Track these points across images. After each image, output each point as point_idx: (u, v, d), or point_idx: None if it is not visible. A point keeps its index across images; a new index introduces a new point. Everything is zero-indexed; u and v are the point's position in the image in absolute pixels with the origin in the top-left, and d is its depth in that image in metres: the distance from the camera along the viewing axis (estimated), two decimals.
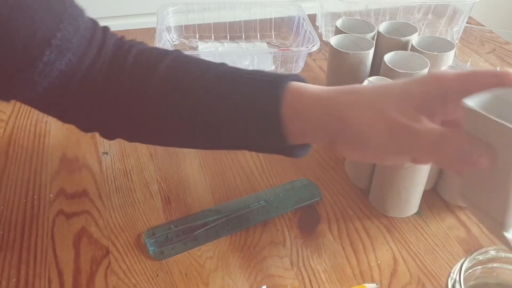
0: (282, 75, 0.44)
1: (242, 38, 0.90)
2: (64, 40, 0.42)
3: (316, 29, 0.95)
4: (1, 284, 0.47)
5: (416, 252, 0.51)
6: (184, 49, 0.87)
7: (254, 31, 0.91)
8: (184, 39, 0.89)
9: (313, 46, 0.77)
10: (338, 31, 0.69)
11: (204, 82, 0.45)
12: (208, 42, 0.89)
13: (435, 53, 0.61)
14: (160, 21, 0.82)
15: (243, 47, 0.88)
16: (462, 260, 0.38)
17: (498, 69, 0.83)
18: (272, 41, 0.91)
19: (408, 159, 0.40)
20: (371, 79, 0.57)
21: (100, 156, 0.62)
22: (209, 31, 0.90)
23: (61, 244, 0.51)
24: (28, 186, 0.58)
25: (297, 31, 0.88)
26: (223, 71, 0.46)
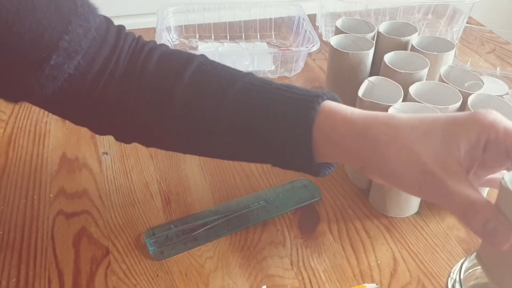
0: (314, 92, 0.42)
1: (242, 38, 0.90)
2: (73, 43, 0.41)
3: (316, 29, 0.95)
4: (1, 284, 0.47)
5: (416, 252, 0.51)
6: (184, 49, 0.87)
7: (254, 31, 0.91)
8: (184, 39, 0.89)
9: (313, 46, 0.77)
10: (338, 31, 0.69)
11: (232, 94, 0.43)
12: (208, 42, 0.89)
13: (435, 53, 0.61)
14: (160, 21, 0.82)
15: (243, 47, 0.88)
16: (462, 260, 0.38)
17: (498, 69, 0.83)
18: (272, 41, 0.91)
19: None
20: (371, 79, 0.57)
21: (100, 156, 0.63)
22: (209, 31, 0.90)
23: (61, 244, 0.51)
24: (28, 186, 0.58)
25: (297, 31, 0.88)
26: (252, 83, 0.44)
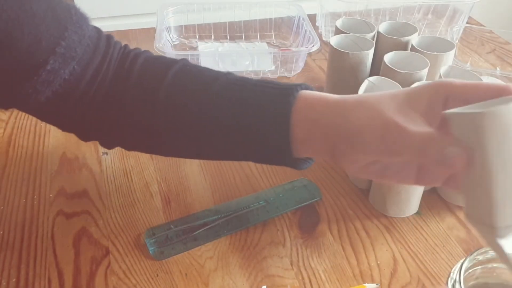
0: (293, 83, 0.44)
1: (242, 38, 0.90)
2: (69, 49, 0.42)
3: (316, 29, 0.95)
4: (1, 284, 0.47)
5: (416, 252, 0.51)
6: (184, 49, 0.87)
7: (254, 31, 0.91)
8: (184, 39, 0.89)
9: (313, 46, 0.77)
10: (338, 31, 0.69)
11: (213, 90, 0.45)
12: (208, 42, 0.89)
13: (435, 53, 0.62)
14: (160, 21, 0.82)
15: (243, 47, 0.88)
16: (462, 260, 0.38)
17: (498, 69, 0.83)
18: (272, 41, 0.91)
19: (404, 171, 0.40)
20: (371, 79, 0.57)
21: (100, 156, 0.63)
22: (209, 31, 0.90)
23: (61, 244, 0.51)
24: (28, 186, 0.58)
25: (297, 31, 0.88)
26: (232, 79, 0.46)
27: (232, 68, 0.80)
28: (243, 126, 0.44)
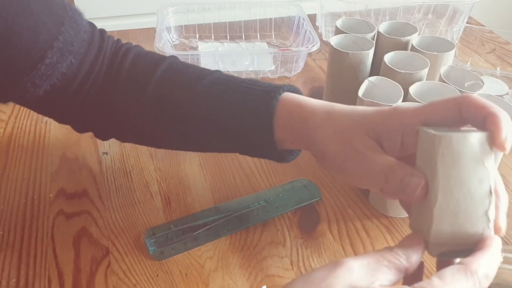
0: (276, 85, 0.45)
1: (242, 38, 0.90)
2: (66, 43, 0.43)
3: (316, 29, 0.95)
4: (1, 284, 0.47)
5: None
6: (184, 49, 0.87)
7: (254, 31, 0.91)
8: (184, 39, 0.89)
9: (313, 46, 0.77)
10: (338, 31, 0.69)
11: (200, 87, 0.46)
12: (208, 42, 0.89)
13: (435, 53, 0.61)
14: (160, 21, 0.82)
15: (243, 47, 0.88)
16: None
17: (498, 69, 0.83)
18: (272, 41, 0.91)
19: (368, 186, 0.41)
20: (371, 79, 0.57)
21: (100, 156, 0.63)
22: (209, 31, 0.90)
23: (61, 244, 0.51)
24: (28, 186, 0.58)
25: (297, 31, 0.88)
26: (219, 78, 0.47)
27: (232, 68, 0.80)
28: (228, 124, 0.45)
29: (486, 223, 0.32)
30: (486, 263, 0.30)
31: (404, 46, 0.65)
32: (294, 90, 0.46)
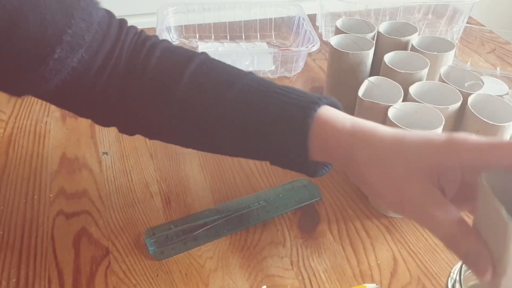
0: (311, 98, 0.43)
1: (242, 38, 0.90)
2: (76, 37, 0.41)
3: (316, 29, 0.95)
4: (1, 284, 0.47)
5: (416, 252, 0.51)
6: None
7: (254, 31, 0.91)
8: (184, 39, 0.89)
9: (313, 46, 0.77)
10: (338, 31, 0.69)
11: (230, 94, 0.44)
12: (208, 42, 0.89)
13: (435, 53, 0.61)
14: (160, 21, 0.82)
15: (243, 47, 0.88)
16: None
17: (498, 69, 0.83)
18: (272, 41, 0.91)
19: None
20: (371, 79, 0.57)
21: (100, 156, 0.62)
22: (209, 31, 0.90)
23: (61, 244, 0.51)
24: (28, 186, 0.58)
25: (297, 31, 0.88)
26: (250, 85, 0.45)
27: None
28: (261, 133, 0.44)
29: None
30: None
31: (404, 46, 0.65)
32: (330, 103, 0.44)
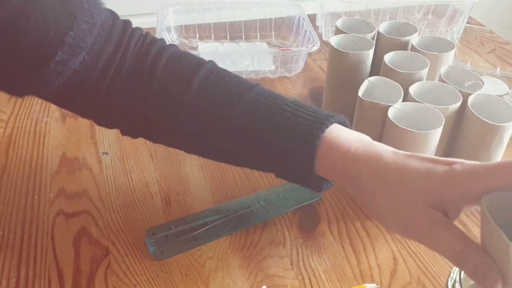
0: (319, 116, 0.43)
1: (242, 38, 0.90)
2: (78, 39, 0.41)
3: (316, 29, 0.95)
4: (1, 284, 0.47)
5: (416, 252, 0.51)
6: (184, 49, 0.87)
7: (254, 31, 0.91)
8: (184, 39, 0.89)
9: (313, 46, 0.77)
10: (338, 31, 0.69)
11: (240, 105, 0.44)
12: (208, 42, 0.89)
13: (435, 53, 0.61)
14: (160, 21, 0.82)
15: (243, 47, 0.88)
16: None
17: (498, 69, 0.83)
18: (272, 41, 0.91)
19: None
20: (371, 79, 0.57)
21: (100, 156, 0.62)
22: (209, 31, 0.90)
23: (61, 244, 0.51)
24: (28, 186, 0.58)
25: (297, 31, 0.88)
26: (258, 100, 0.44)
27: (232, 68, 0.80)
28: (268, 150, 0.44)
29: None
30: None
31: (404, 46, 0.65)
32: (339, 121, 0.44)
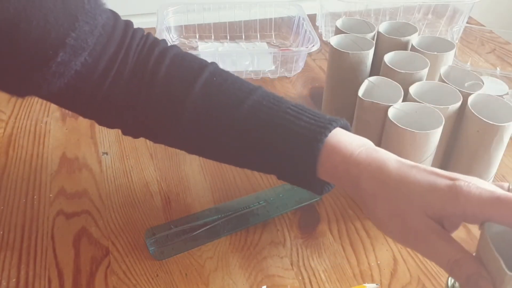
0: (322, 120, 0.43)
1: (242, 38, 0.90)
2: (79, 40, 0.41)
3: (316, 29, 0.95)
4: (1, 284, 0.47)
5: (416, 252, 0.51)
6: (184, 49, 0.87)
7: (254, 31, 0.91)
8: (184, 39, 0.89)
9: (313, 46, 0.77)
10: (338, 31, 0.69)
11: (243, 108, 0.44)
12: (208, 42, 0.89)
13: (435, 53, 0.61)
14: (160, 21, 0.82)
15: (243, 47, 0.88)
16: None
17: (498, 69, 0.83)
18: (272, 41, 0.91)
19: None
20: (371, 79, 0.57)
21: (100, 156, 0.62)
22: (209, 31, 0.90)
23: (61, 244, 0.51)
24: (28, 186, 0.58)
25: (297, 31, 0.88)
26: (260, 103, 0.45)
27: (232, 68, 0.80)
28: (270, 153, 0.44)
29: None
30: None
31: (404, 46, 0.65)
32: (341, 125, 0.44)
